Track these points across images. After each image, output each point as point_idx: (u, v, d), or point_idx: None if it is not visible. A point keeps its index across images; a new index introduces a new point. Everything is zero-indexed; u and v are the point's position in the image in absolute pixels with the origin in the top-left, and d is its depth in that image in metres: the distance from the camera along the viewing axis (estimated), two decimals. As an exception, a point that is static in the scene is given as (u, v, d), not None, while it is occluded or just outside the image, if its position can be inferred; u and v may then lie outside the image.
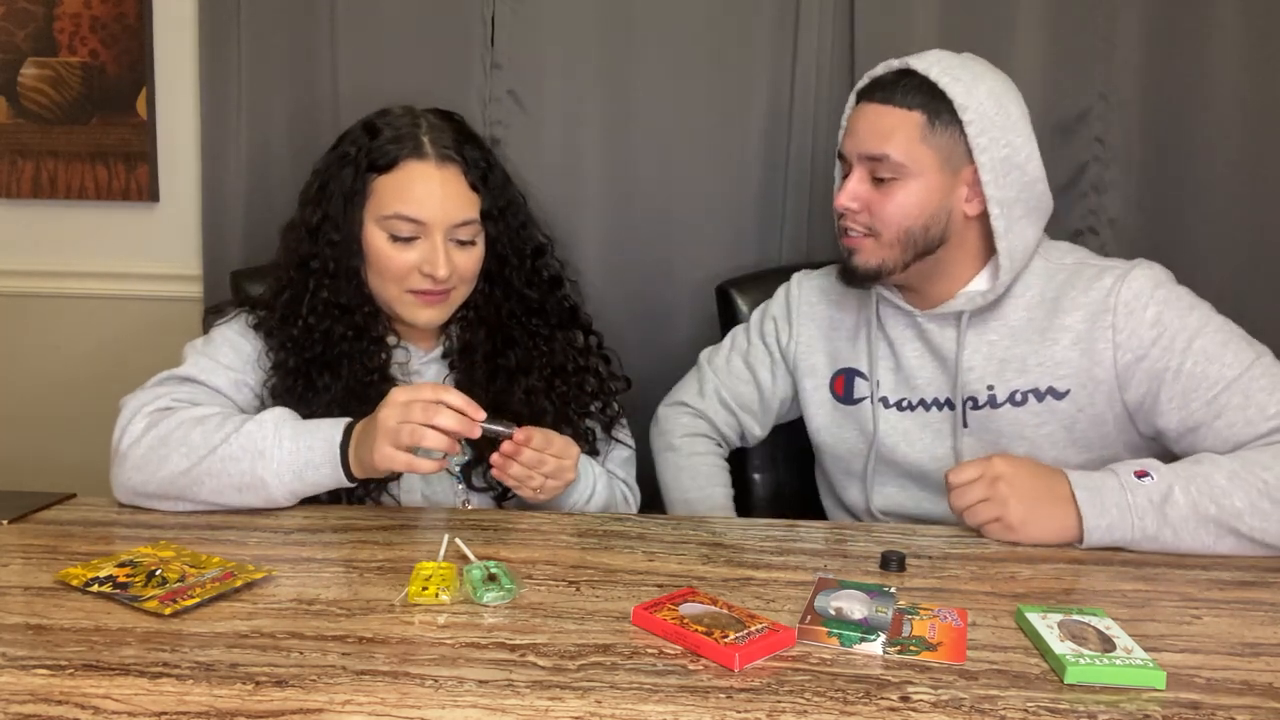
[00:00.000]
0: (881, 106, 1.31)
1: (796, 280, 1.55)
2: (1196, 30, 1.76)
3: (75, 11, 1.97)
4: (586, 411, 1.40)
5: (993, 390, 1.34)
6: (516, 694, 0.80)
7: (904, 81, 1.30)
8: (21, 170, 2.03)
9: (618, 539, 1.16)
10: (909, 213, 1.30)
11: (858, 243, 1.34)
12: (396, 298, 1.32)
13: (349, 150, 1.32)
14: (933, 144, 1.29)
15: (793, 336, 1.51)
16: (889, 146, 1.29)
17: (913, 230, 1.31)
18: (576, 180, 1.86)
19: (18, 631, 0.89)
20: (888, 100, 1.30)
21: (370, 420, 1.15)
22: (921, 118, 1.29)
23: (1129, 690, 0.83)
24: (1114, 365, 1.28)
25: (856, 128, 1.34)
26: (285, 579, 1.02)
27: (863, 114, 1.33)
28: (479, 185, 1.32)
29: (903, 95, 1.30)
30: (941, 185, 1.30)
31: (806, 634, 0.90)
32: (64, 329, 2.08)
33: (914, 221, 1.31)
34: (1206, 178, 1.79)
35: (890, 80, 1.32)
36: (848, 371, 1.46)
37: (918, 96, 1.29)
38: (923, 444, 1.40)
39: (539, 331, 1.40)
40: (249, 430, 1.17)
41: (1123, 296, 1.28)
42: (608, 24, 1.83)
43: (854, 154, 1.33)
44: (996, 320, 1.35)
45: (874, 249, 1.33)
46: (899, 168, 1.29)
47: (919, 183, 1.30)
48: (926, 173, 1.29)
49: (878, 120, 1.31)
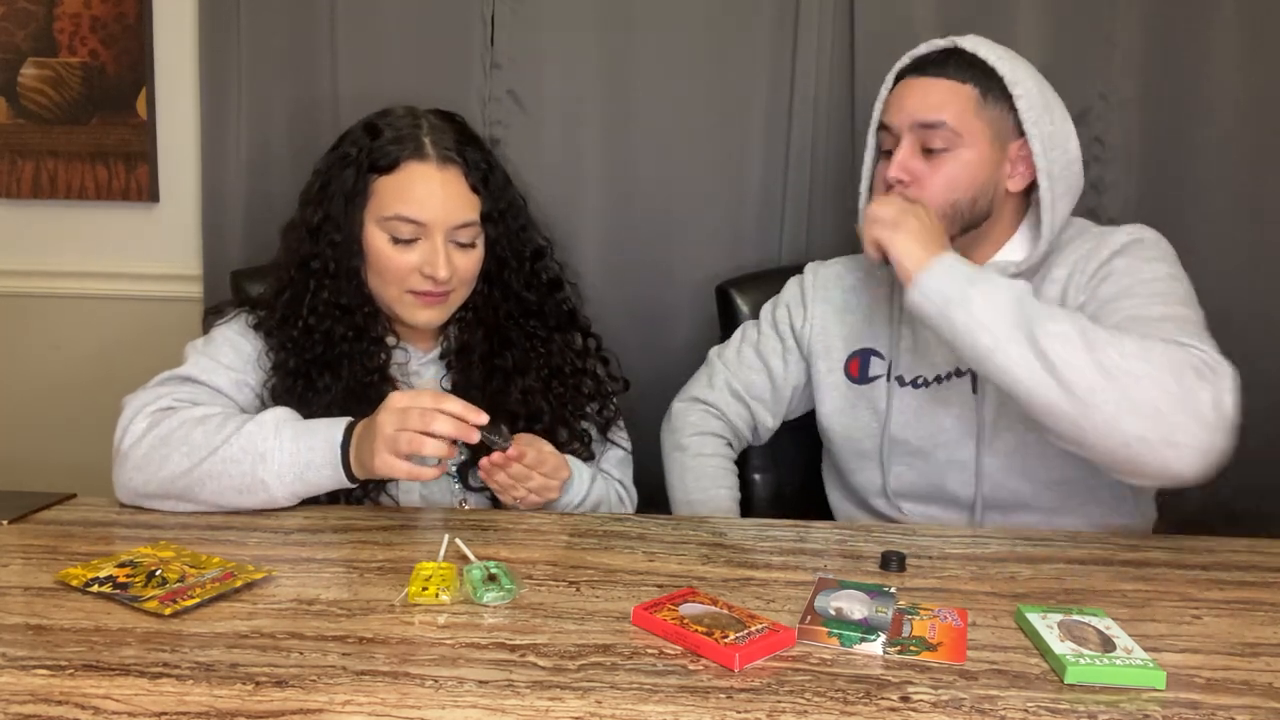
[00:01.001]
0: (933, 80, 1.33)
1: (810, 269, 1.56)
2: (1196, 30, 1.76)
3: (75, 11, 1.97)
4: (583, 413, 1.40)
5: None
6: (516, 694, 0.80)
7: (953, 59, 1.33)
8: (21, 170, 2.03)
9: (618, 539, 1.16)
10: (958, 185, 1.32)
11: None
12: (397, 298, 1.32)
13: (350, 151, 1.32)
14: (985, 117, 1.32)
15: (807, 319, 1.51)
16: (945, 113, 1.31)
17: (960, 203, 1.33)
18: (576, 180, 1.86)
19: (18, 631, 0.89)
20: (940, 74, 1.33)
21: (370, 423, 1.15)
22: (975, 91, 1.32)
23: (1129, 690, 0.83)
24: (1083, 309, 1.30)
25: (905, 100, 1.34)
26: (285, 579, 1.02)
27: (913, 87, 1.35)
28: (480, 187, 1.32)
29: (955, 70, 1.32)
30: (991, 158, 1.33)
31: (806, 634, 0.90)
32: (64, 329, 2.08)
33: (962, 194, 1.32)
34: (1206, 178, 1.79)
35: (938, 57, 1.34)
36: (863, 352, 1.47)
37: (970, 71, 1.32)
38: (936, 419, 1.40)
39: (536, 333, 1.40)
40: (249, 431, 1.17)
41: (1095, 247, 1.33)
42: (608, 24, 1.83)
43: (906, 124, 1.33)
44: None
45: None
46: (953, 137, 1.31)
47: (971, 154, 1.32)
48: (979, 144, 1.32)
49: (929, 91, 1.33)
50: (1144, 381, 1.10)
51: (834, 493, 1.56)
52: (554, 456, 1.24)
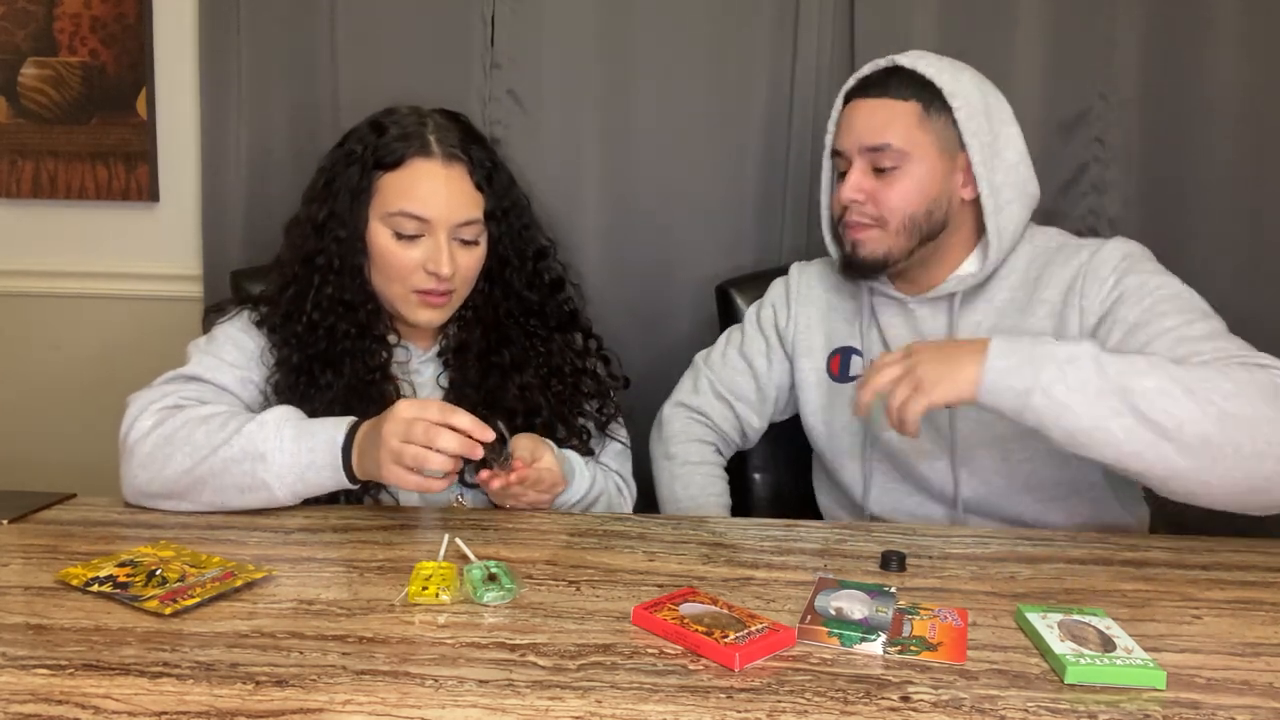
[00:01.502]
0: (877, 100, 1.35)
1: (795, 269, 1.57)
2: (1196, 30, 1.76)
3: (75, 11, 1.97)
4: (581, 410, 1.41)
5: None
6: (516, 694, 0.80)
7: (894, 77, 1.35)
8: (21, 170, 2.03)
9: (618, 539, 1.16)
10: (912, 199, 1.34)
11: (864, 233, 1.37)
12: (400, 296, 1.32)
13: (355, 148, 1.33)
14: (929, 130, 1.33)
15: (791, 318, 1.52)
16: (889, 135, 1.33)
17: (916, 216, 1.34)
18: (576, 180, 1.86)
19: (18, 631, 0.89)
20: (882, 94, 1.35)
21: (374, 428, 1.14)
22: (917, 106, 1.33)
23: (1129, 690, 0.83)
24: (1080, 331, 1.30)
25: (853, 123, 1.37)
26: (285, 579, 1.02)
27: (858, 110, 1.37)
28: (484, 185, 1.32)
29: (896, 88, 1.34)
30: (941, 169, 1.34)
31: (807, 634, 0.90)
32: (64, 329, 2.08)
33: (917, 207, 1.34)
34: (1206, 178, 1.79)
35: (880, 77, 1.36)
36: (844, 350, 1.48)
37: (910, 88, 1.34)
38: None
39: (536, 333, 1.40)
40: (250, 432, 1.17)
41: (1092, 266, 1.32)
42: (608, 24, 1.83)
43: (854, 148, 1.36)
44: (983, 301, 1.38)
45: (880, 238, 1.36)
46: (900, 155, 1.33)
47: (921, 168, 1.33)
48: (927, 157, 1.33)
49: (874, 112, 1.35)
50: (1254, 420, 1.05)
51: (823, 496, 1.57)
52: (550, 474, 1.23)
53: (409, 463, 1.10)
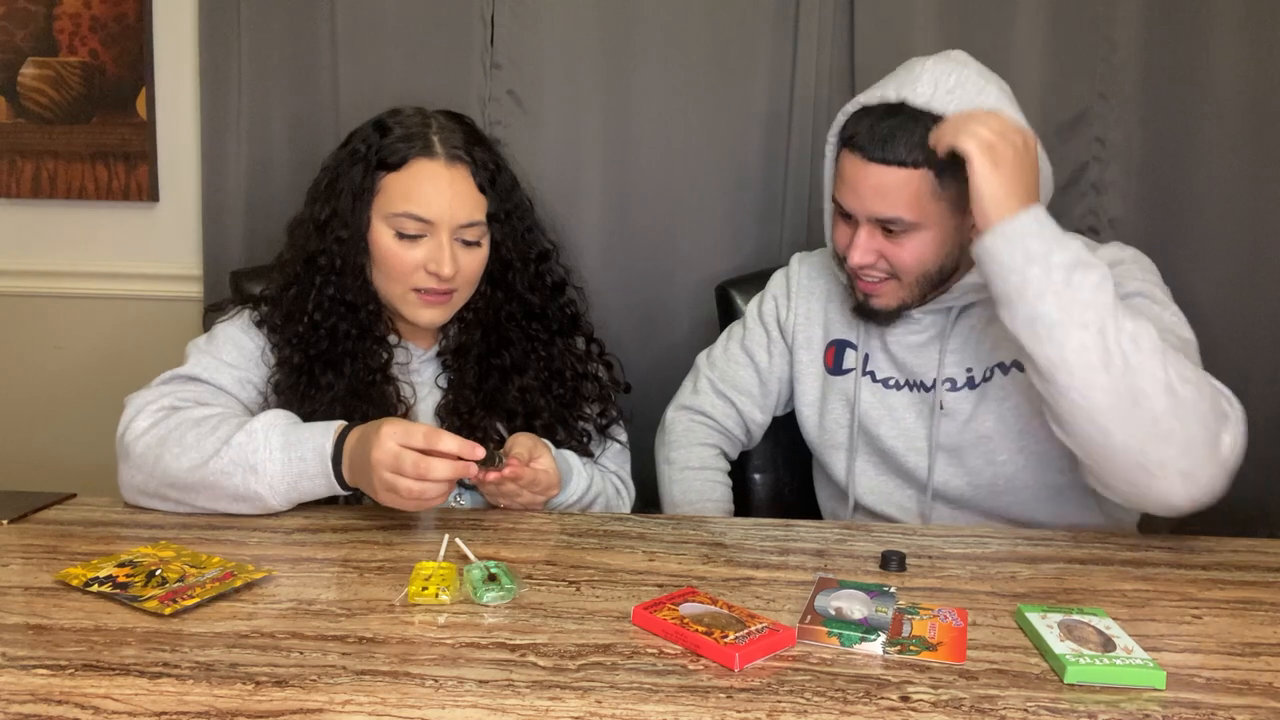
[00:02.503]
0: (884, 168, 1.23)
1: (796, 260, 1.55)
2: (1196, 30, 1.76)
3: (75, 11, 1.97)
4: (582, 414, 1.40)
5: (971, 372, 1.36)
6: (516, 694, 0.80)
7: (904, 131, 1.22)
8: (21, 170, 2.03)
9: (618, 539, 1.16)
10: (926, 258, 1.29)
11: (877, 288, 1.33)
12: (401, 296, 1.32)
13: (359, 148, 1.33)
14: (944, 196, 1.24)
15: (791, 309, 1.51)
16: (900, 210, 1.24)
17: (930, 272, 1.30)
18: (576, 180, 1.86)
19: (18, 631, 0.89)
20: (889, 159, 1.23)
21: (363, 443, 1.11)
22: (928, 175, 1.22)
23: (1129, 690, 0.83)
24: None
25: (858, 188, 1.26)
26: (285, 579, 1.02)
27: (864, 174, 1.25)
28: (487, 187, 1.32)
29: (906, 150, 1.22)
30: (956, 224, 1.27)
31: (806, 634, 0.90)
32: (64, 329, 2.08)
33: (931, 264, 1.30)
34: (1206, 178, 1.79)
35: (889, 132, 1.23)
36: (839, 342, 1.47)
37: (921, 149, 1.21)
38: (904, 423, 1.41)
39: (538, 336, 1.40)
40: (239, 443, 1.16)
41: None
42: (608, 24, 1.83)
43: (862, 214, 1.28)
44: (979, 306, 1.36)
45: (894, 291, 1.33)
46: (912, 225, 1.26)
47: (934, 232, 1.27)
48: (941, 220, 1.26)
49: (882, 182, 1.24)
50: (1193, 410, 1.06)
51: (819, 490, 1.57)
52: (546, 476, 1.23)
53: (404, 495, 1.08)
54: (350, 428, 1.17)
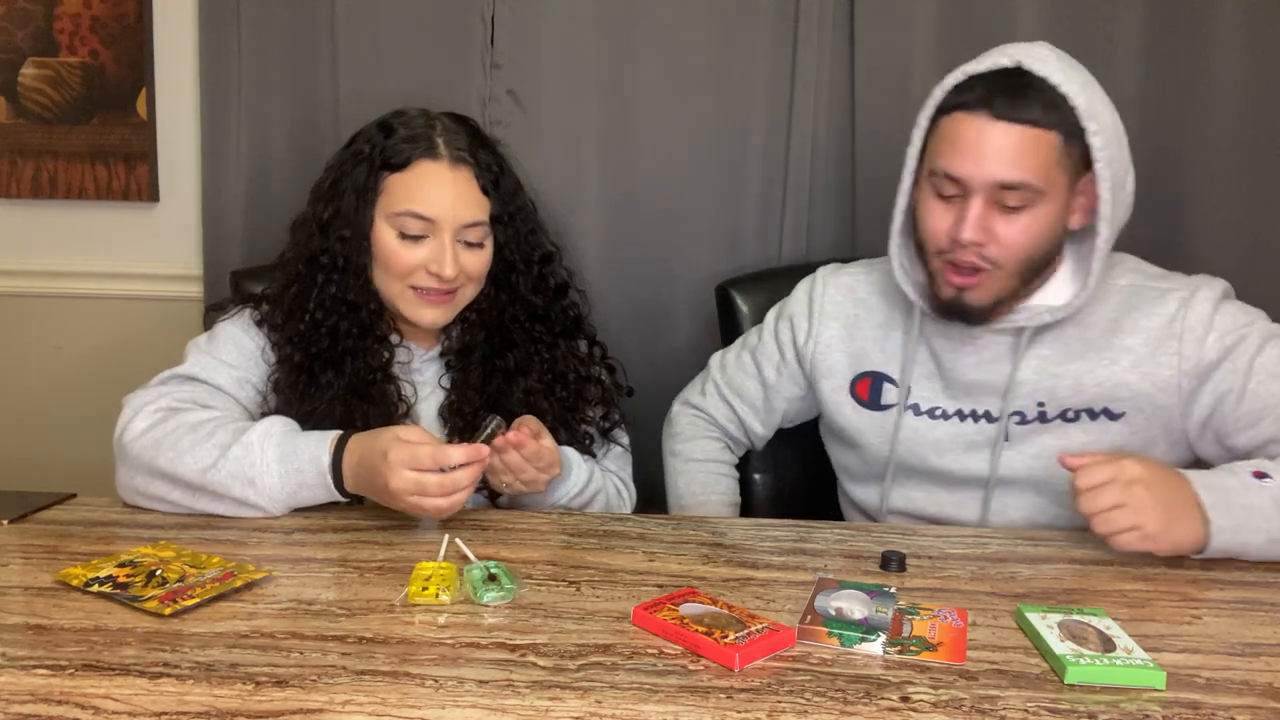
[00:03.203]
0: (1010, 127, 1.15)
1: (822, 277, 1.46)
2: (1196, 30, 1.75)
3: (75, 11, 1.97)
4: (585, 417, 1.40)
5: (1043, 407, 1.29)
6: (516, 694, 0.80)
7: (1030, 91, 1.15)
8: (21, 170, 2.03)
9: (618, 539, 1.16)
10: (1036, 241, 1.20)
11: (974, 278, 1.22)
12: (399, 294, 1.32)
13: (363, 148, 1.33)
14: (1065, 164, 1.17)
15: (811, 336, 1.43)
16: (1028, 171, 1.15)
17: (1035, 258, 1.21)
18: (576, 180, 1.86)
19: (18, 631, 0.89)
20: (1017, 118, 1.15)
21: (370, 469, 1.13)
22: (1058, 138, 1.16)
23: (1129, 690, 0.83)
24: (1178, 391, 1.24)
25: (982, 149, 1.16)
26: (285, 579, 1.02)
27: (990, 133, 1.16)
28: (490, 189, 1.33)
29: (1034, 108, 1.15)
30: (1065, 206, 1.21)
31: (806, 634, 0.90)
32: (64, 329, 2.08)
33: (1037, 249, 1.21)
34: (1206, 177, 1.79)
35: (1014, 89, 1.16)
36: (874, 375, 1.38)
37: (1052, 112, 1.15)
38: (953, 455, 1.34)
39: (541, 338, 1.40)
40: (236, 456, 1.16)
41: (1188, 323, 1.24)
42: (608, 24, 1.83)
43: (982, 180, 1.17)
44: (1052, 336, 1.29)
45: (992, 283, 1.23)
46: (1034, 196, 1.17)
47: (1051, 207, 1.18)
48: (1059, 195, 1.19)
49: (1009, 141, 1.15)
50: None
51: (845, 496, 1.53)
52: (550, 452, 1.23)
53: (433, 511, 1.11)
54: (346, 436, 1.18)
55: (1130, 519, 1.06)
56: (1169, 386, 1.25)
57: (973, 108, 1.18)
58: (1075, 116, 1.16)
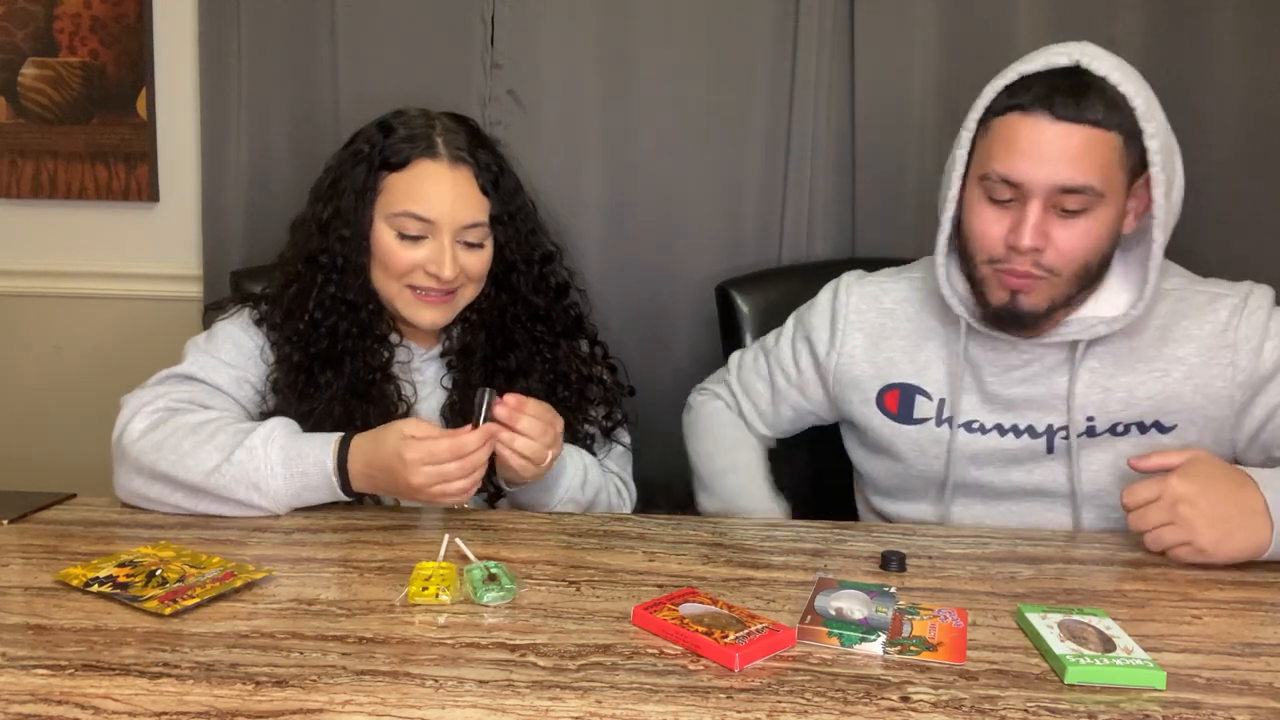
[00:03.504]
0: (1072, 127, 1.12)
1: (846, 285, 1.40)
2: (1196, 30, 1.75)
3: (75, 11, 1.97)
4: (587, 417, 1.40)
5: (1092, 421, 1.25)
6: (516, 694, 0.80)
7: (1092, 92, 1.12)
8: (21, 170, 2.03)
9: (618, 539, 1.16)
10: (1096, 245, 1.16)
11: (1032, 284, 1.18)
12: (397, 294, 1.32)
13: (363, 147, 1.33)
14: (1125, 167, 1.14)
15: (834, 348, 1.38)
16: (1092, 174, 1.12)
17: (1090, 265, 1.17)
18: (576, 180, 1.86)
19: (18, 631, 0.89)
20: (1081, 118, 1.11)
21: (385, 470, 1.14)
22: (1119, 139, 1.12)
23: (1129, 690, 0.83)
24: (1231, 404, 1.22)
25: (1042, 151, 1.12)
26: (285, 579, 1.02)
27: (1048, 134, 1.12)
28: (490, 189, 1.33)
29: (1093, 109, 1.11)
30: (1122, 211, 1.17)
31: (806, 634, 0.90)
32: (64, 329, 2.08)
33: (1093, 255, 1.16)
34: (1206, 178, 1.78)
35: (1072, 89, 1.12)
36: (905, 388, 1.33)
37: (1113, 113, 1.12)
38: (993, 468, 1.31)
39: (543, 338, 1.40)
40: (240, 460, 1.17)
41: (1242, 332, 1.21)
42: (608, 24, 1.83)
43: (1043, 183, 1.13)
44: (1101, 348, 1.25)
45: (1047, 289, 1.18)
46: (1095, 199, 1.13)
47: (1110, 211, 1.15)
48: (1118, 199, 1.15)
49: (1069, 142, 1.11)
50: None
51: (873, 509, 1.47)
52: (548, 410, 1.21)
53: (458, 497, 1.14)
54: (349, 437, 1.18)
55: (1180, 535, 1.06)
56: (1221, 398, 1.22)
57: (1030, 108, 1.13)
58: (1134, 117, 1.13)
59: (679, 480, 1.84)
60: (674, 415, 1.62)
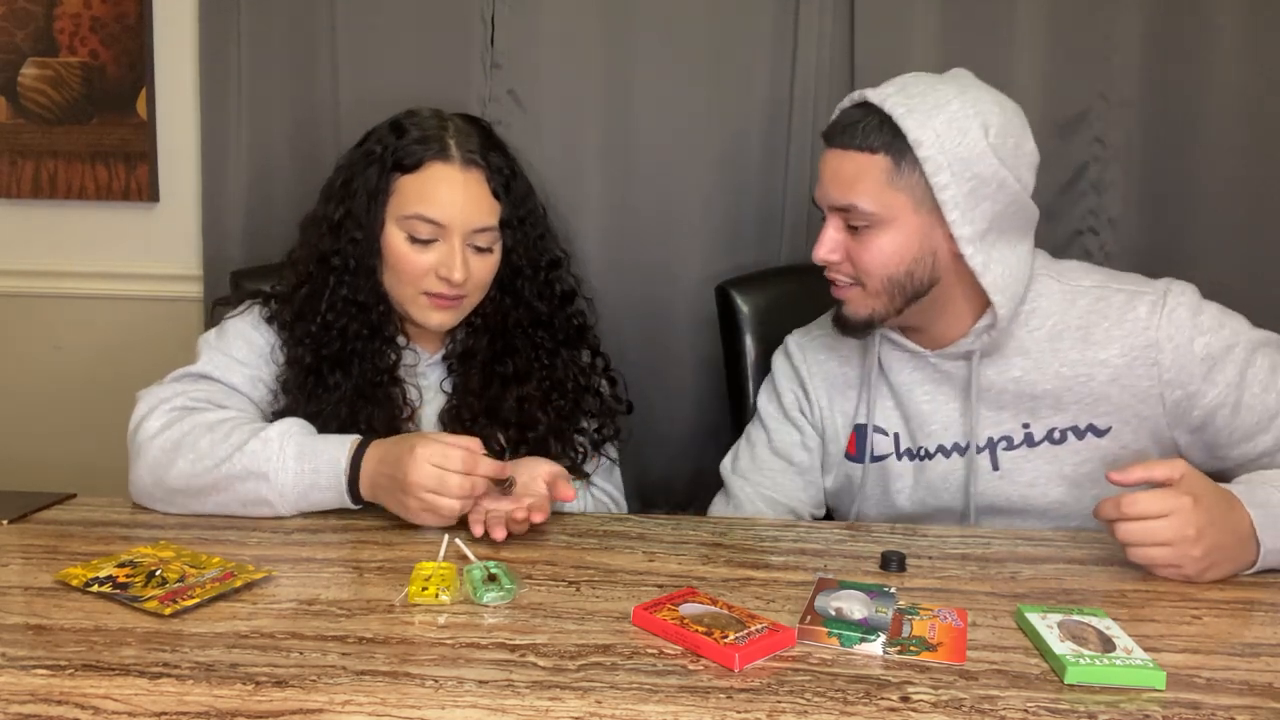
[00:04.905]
0: (844, 152, 1.22)
1: (794, 343, 1.44)
2: (1196, 30, 1.76)
3: (75, 11, 1.97)
4: (579, 428, 1.39)
5: (1029, 428, 1.28)
6: (516, 694, 0.80)
7: (865, 120, 1.21)
8: (21, 170, 2.03)
9: (618, 539, 1.16)
10: (889, 260, 1.22)
11: (845, 293, 1.27)
12: (411, 299, 1.32)
13: (375, 148, 1.32)
14: (901, 186, 1.20)
15: (812, 402, 1.40)
16: (855, 195, 1.21)
17: (896, 277, 1.23)
18: (576, 180, 1.86)
19: (18, 631, 0.89)
20: (849, 144, 1.22)
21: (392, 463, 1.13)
22: (886, 161, 1.20)
23: (1129, 690, 0.83)
24: (1162, 402, 1.23)
25: (823, 176, 1.25)
26: (285, 579, 1.02)
27: (827, 161, 1.25)
28: (501, 193, 1.32)
29: (864, 136, 1.20)
30: (920, 227, 1.21)
31: (806, 634, 0.90)
32: (64, 329, 2.08)
33: (895, 269, 1.22)
34: (1206, 177, 1.79)
35: (851, 120, 1.22)
36: (860, 429, 1.37)
37: (879, 136, 1.20)
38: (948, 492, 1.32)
39: (544, 345, 1.40)
40: (253, 450, 1.17)
41: (1164, 330, 1.23)
42: (608, 24, 1.83)
43: (824, 204, 1.25)
44: (1018, 355, 1.28)
45: (861, 298, 1.26)
46: (870, 216, 1.21)
47: (895, 229, 1.21)
48: (901, 217, 1.21)
49: (841, 167, 1.22)
50: None
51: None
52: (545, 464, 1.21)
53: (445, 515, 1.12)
54: (366, 442, 1.17)
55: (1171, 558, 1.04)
56: (1150, 397, 1.24)
57: (826, 143, 1.26)
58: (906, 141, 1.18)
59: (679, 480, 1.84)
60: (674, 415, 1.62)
